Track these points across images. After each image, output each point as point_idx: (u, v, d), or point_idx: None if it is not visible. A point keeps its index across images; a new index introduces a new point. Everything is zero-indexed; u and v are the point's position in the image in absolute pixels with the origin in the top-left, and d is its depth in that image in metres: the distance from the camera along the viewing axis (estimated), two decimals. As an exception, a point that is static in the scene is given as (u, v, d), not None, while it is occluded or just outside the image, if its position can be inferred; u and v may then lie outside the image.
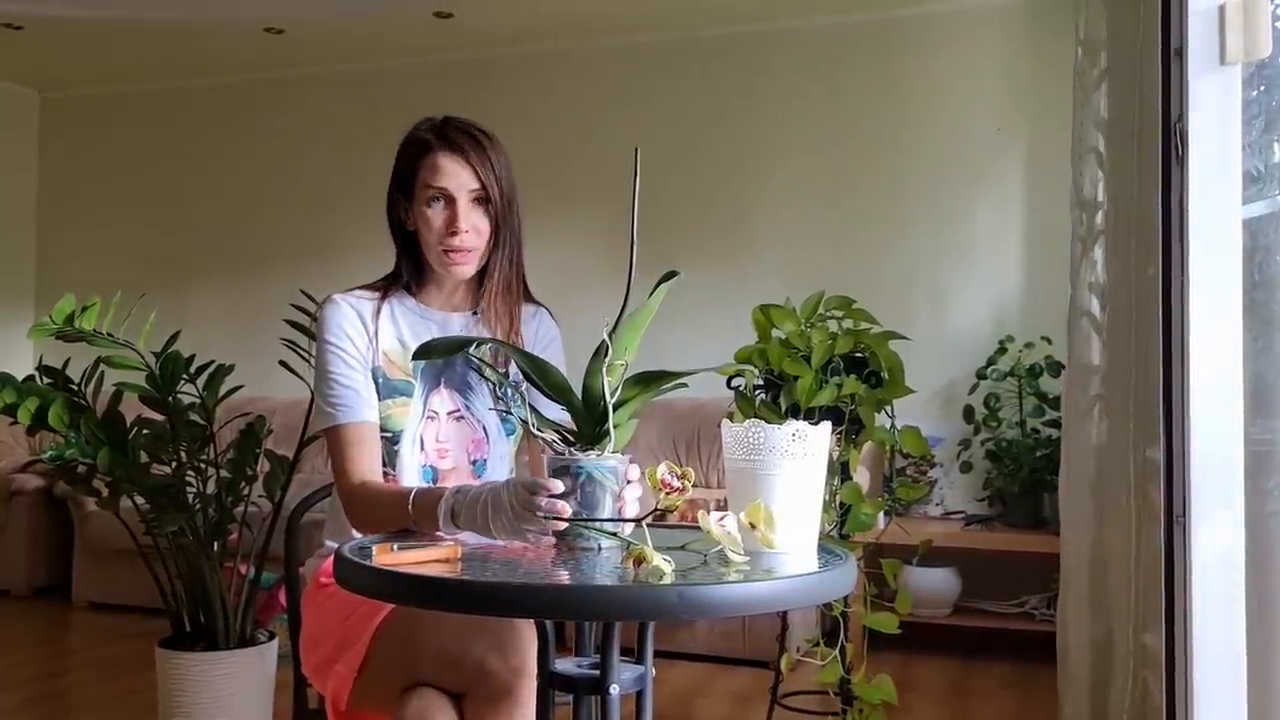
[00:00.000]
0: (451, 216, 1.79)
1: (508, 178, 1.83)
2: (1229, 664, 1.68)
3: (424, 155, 1.81)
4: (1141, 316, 2.11)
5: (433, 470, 1.85)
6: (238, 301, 5.55)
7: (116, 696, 3.57)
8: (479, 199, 1.81)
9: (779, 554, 1.37)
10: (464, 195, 1.80)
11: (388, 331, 1.85)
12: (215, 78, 5.70)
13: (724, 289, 4.52)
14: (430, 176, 1.80)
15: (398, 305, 1.87)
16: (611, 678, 1.38)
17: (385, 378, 1.83)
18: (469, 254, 1.81)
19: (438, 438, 1.85)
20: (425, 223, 1.81)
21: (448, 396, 1.87)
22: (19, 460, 5.16)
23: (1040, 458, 4.05)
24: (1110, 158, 2.47)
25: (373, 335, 1.83)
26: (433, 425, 1.85)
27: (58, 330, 2.67)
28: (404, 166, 1.85)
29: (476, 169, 1.80)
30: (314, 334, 2.57)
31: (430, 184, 1.80)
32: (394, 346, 1.85)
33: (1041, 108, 4.36)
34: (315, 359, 1.86)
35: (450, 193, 1.79)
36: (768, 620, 3.63)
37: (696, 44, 4.95)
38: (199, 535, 2.85)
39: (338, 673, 1.71)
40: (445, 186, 1.79)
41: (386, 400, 1.82)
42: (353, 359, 1.81)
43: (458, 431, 1.86)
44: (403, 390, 1.83)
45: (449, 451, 1.85)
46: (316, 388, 1.83)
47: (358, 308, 1.84)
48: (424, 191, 1.81)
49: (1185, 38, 1.71)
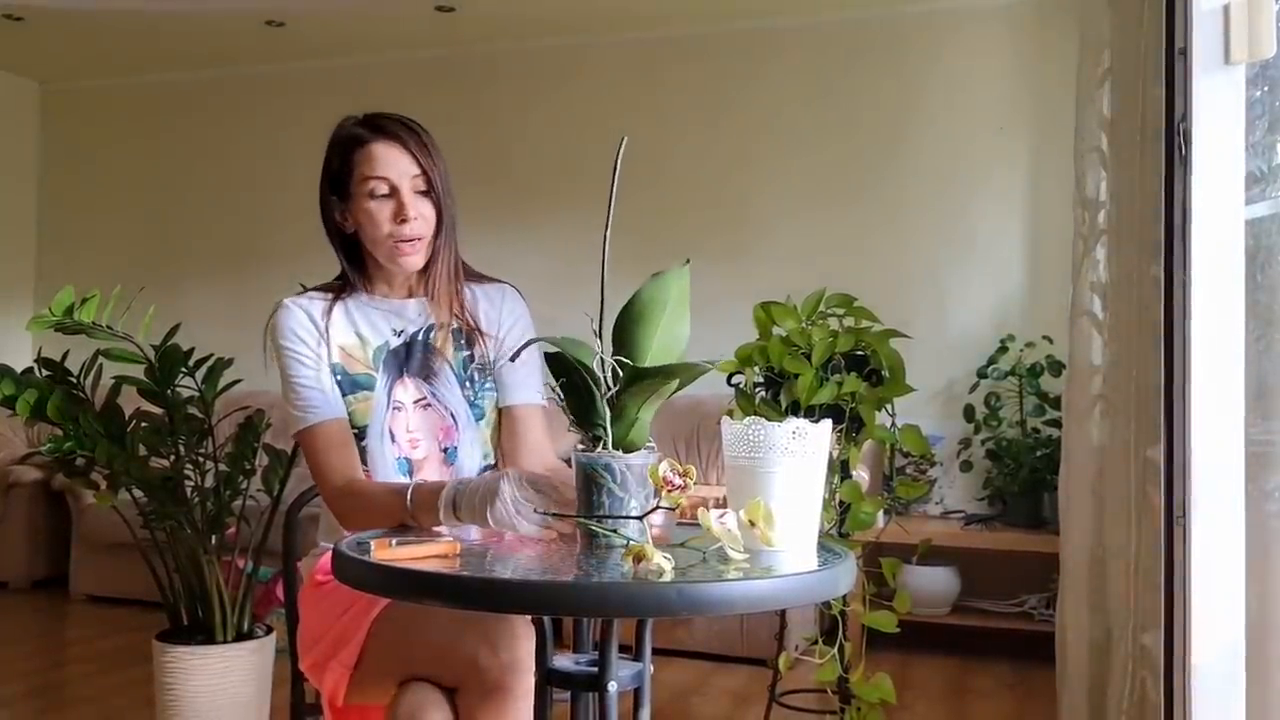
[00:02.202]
0: (399, 206, 1.76)
1: (445, 166, 1.80)
2: (1228, 664, 1.68)
3: (358, 148, 1.78)
4: (1143, 316, 2.11)
5: (407, 462, 1.83)
6: (237, 295, 5.54)
7: (114, 689, 3.56)
8: (421, 189, 1.78)
9: (778, 552, 1.37)
10: (406, 183, 1.76)
11: (342, 327, 1.83)
12: (216, 70, 5.69)
13: (725, 285, 4.52)
14: (369, 168, 1.76)
15: (351, 301, 1.85)
16: (610, 675, 1.38)
17: (346, 373, 1.81)
18: (418, 243, 1.78)
19: (408, 428, 1.83)
20: (368, 218, 1.77)
21: (412, 386, 1.84)
22: (17, 453, 5.16)
23: (1040, 457, 4.05)
24: (1113, 157, 2.46)
25: (323, 332, 1.81)
26: (401, 416, 1.83)
27: (57, 322, 2.66)
28: (337, 163, 1.81)
29: (416, 156, 1.77)
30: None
31: (370, 175, 1.76)
32: (351, 340, 1.83)
33: (1044, 106, 4.35)
34: (278, 368, 1.82)
35: (393, 181, 1.76)
36: (766, 618, 3.63)
37: (698, 40, 4.94)
38: (197, 529, 2.84)
39: (334, 669, 1.70)
40: (386, 175, 1.76)
41: (349, 396, 1.80)
42: (309, 359, 1.79)
43: (426, 420, 1.84)
44: (364, 384, 1.81)
45: (420, 441, 1.83)
46: (283, 394, 1.81)
47: (307, 309, 1.82)
48: (363, 185, 1.76)
49: (1189, 37, 1.70)
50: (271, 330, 1.82)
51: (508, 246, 4.59)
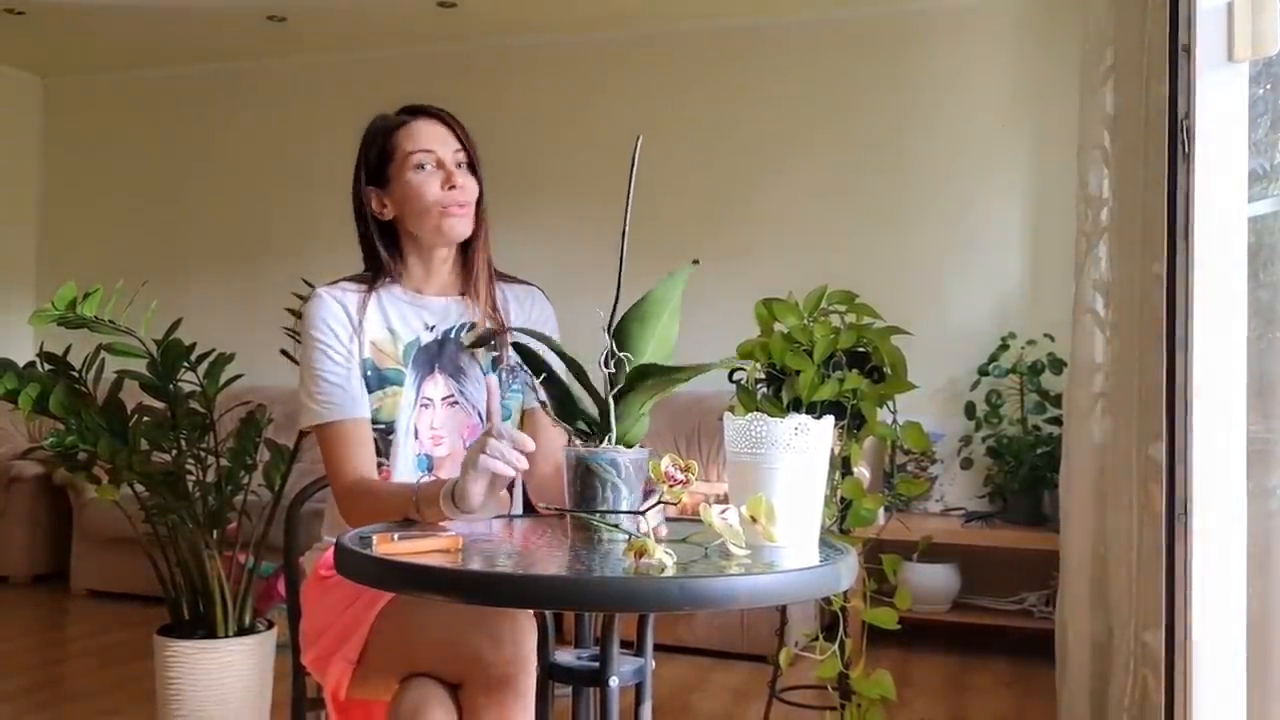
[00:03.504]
0: (447, 174, 1.79)
1: (478, 151, 1.85)
2: (1229, 663, 1.68)
3: (398, 129, 1.81)
4: (1145, 314, 2.11)
5: (428, 459, 1.83)
6: (239, 289, 5.55)
7: (114, 684, 3.57)
8: (463, 161, 1.82)
9: (780, 548, 1.37)
10: (450, 156, 1.80)
11: (375, 321, 1.82)
12: (217, 65, 5.69)
13: (727, 282, 4.51)
14: (412, 144, 1.80)
15: (385, 294, 1.85)
16: (611, 670, 1.38)
17: (375, 368, 1.80)
18: (468, 208, 1.81)
19: (432, 425, 1.83)
20: (414, 190, 1.79)
21: (442, 382, 1.84)
22: (19, 447, 5.16)
23: (1041, 455, 4.05)
24: (1116, 154, 2.46)
25: (357, 327, 1.80)
26: (427, 413, 1.83)
27: (59, 317, 2.66)
28: (375, 152, 1.83)
29: (456, 131, 1.82)
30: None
31: (414, 149, 1.79)
32: (383, 336, 1.82)
33: (1047, 103, 4.35)
34: (300, 354, 1.82)
35: (438, 154, 1.79)
36: (766, 614, 3.63)
37: (702, 36, 4.94)
38: (198, 523, 2.84)
39: (338, 664, 1.70)
40: (431, 148, 1.79)
41: (378, 391, 1.80)
42: (338, 354, 1.78)
43: (452, 418, 1.84)
44: (394, 379, 1.81)
45: (444, 438, 1.83)
46: (302, 383, 1.80)
47: (342, 300, 1.81)
48: (408, 160, 1.79)
49: (1193, 35, 1.70)
50: (304, 319, 1.82)
51: (508, 242, 4.58)
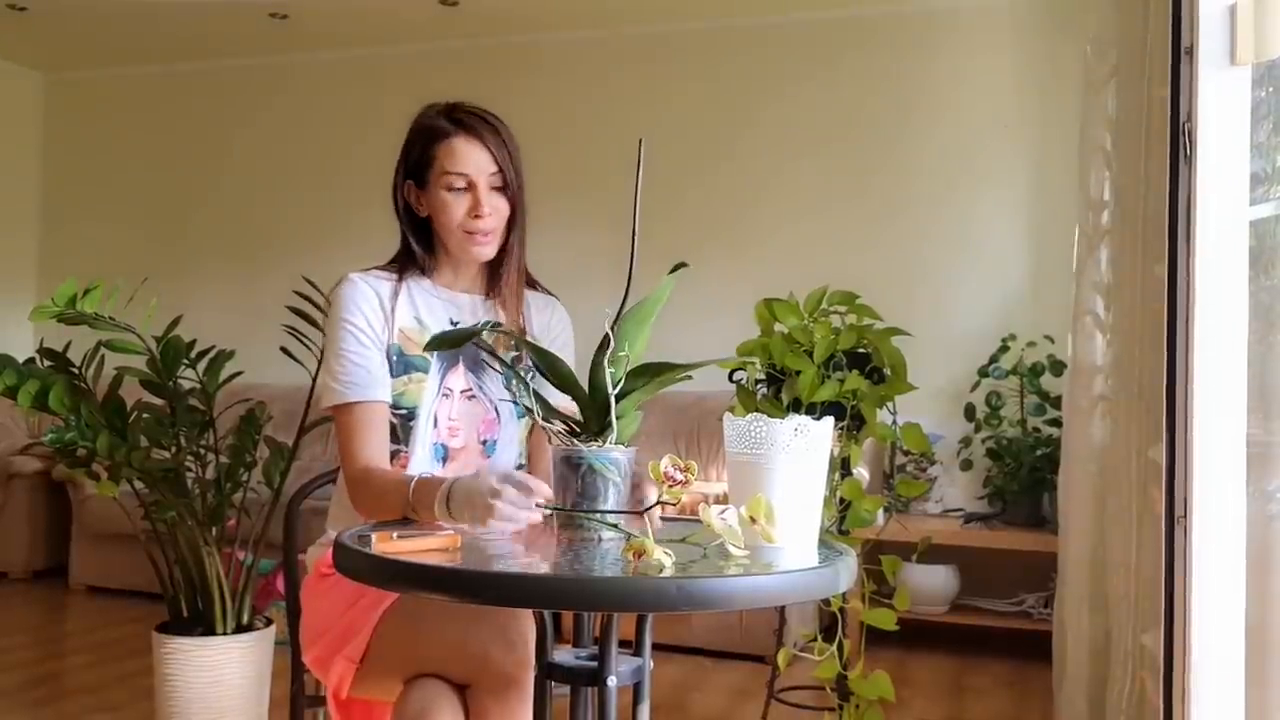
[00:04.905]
0: (475, 201, 1.81)
1: (518, 161, 1.85)
2: (1227, 666, 1.68)
3: (439, 141, 1.82)
4: (1146, 316, 2.11)
5: (444, 448, 1.85)
6: (239, 287, 5.54)
7: (113, 680, 3.57)
8: (497, 185, 1.82)
9: (779, 548, 1.37)
10: (483, 179, 1.81)
11: (405, 311, 1.85)
12: (219, 62, 5.69)
13: (727, 282, 4.51)
14: (450, 163, 1.81)
15: (414, 285, 1.88)
16: (609, 670, 1.38)
17: (402, 354, 1.83)
18: (491, 235, 1.83)
19: (450, 415, 1.85)
20: (444, 208, 1.82)
21: (464, 375, 1.87)
22: (18, 443, 5.16)
23: (1040, 457, 4.05)
24: (1117, 157, 2.46)
25: (389, 314, 1.83)
26: (446, 403, 1.85)
27: (59, 313, 2.66)
28: (418, 151, 1.85)
29: (494, 153, 1.82)
30: (317, 319, 2.53)
31: (450, 170, 1.80)
32: (411, 325, 1.85)
33: (1048, 105, 4.34)
34: (326, 335, 1.85)
35: (470, 177, 1.80)
36: (765, 615, 3.63)
37: (703, 35, 4.94)
38: (197, 520, 2.85)
39: (340, 663, 1.70)
40: (465, 171, 1.80)
41: (402, 376, 1.82)
42: (367, 337, 1.80)
43: (469, 411, 1.86)
44: (419, 367, 1.83)
45: (460, 430, 1.85)
46: (325, 364, 1.83)
47: (375, 287, 1.84)
48: (442, 178, 1.81)
49: (1196, 37, 1.69)
50: (335, 301, 1.84)
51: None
